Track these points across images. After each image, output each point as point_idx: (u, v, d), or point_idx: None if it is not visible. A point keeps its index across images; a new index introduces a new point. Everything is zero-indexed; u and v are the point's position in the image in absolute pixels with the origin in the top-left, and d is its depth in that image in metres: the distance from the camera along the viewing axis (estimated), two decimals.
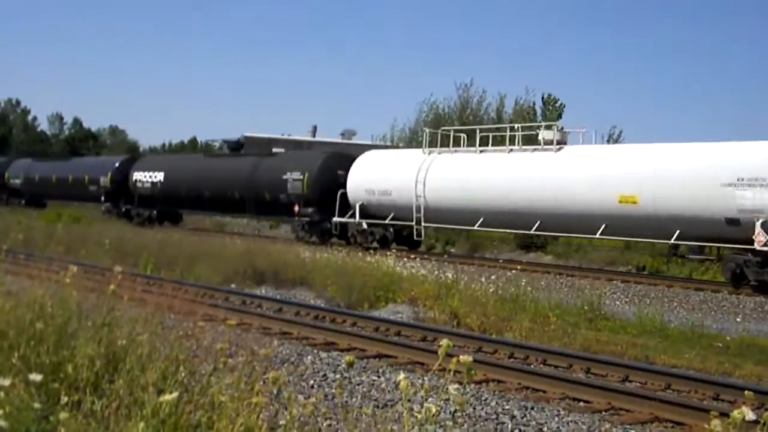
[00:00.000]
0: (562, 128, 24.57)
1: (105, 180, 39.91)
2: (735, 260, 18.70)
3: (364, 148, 34.37)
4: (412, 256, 19.63)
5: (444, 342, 3.17)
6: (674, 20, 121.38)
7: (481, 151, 24.62)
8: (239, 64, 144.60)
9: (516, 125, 25.30)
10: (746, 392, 3.46)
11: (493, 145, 25.06)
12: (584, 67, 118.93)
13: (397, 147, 35.66)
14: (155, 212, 36.39)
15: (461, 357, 3.10)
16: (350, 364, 3.58)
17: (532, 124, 28.26)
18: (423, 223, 24.88)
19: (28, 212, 36.37)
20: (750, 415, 2.68)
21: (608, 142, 39.05)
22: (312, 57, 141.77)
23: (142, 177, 37.04)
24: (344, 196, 26.71)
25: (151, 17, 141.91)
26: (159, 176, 35.95)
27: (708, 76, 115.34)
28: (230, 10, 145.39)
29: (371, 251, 21.26)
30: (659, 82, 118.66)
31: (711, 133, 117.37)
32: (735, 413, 2.70)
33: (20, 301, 5.21)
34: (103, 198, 39.82)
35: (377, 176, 26.28)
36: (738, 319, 15.44)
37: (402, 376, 3.25)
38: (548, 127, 23.83)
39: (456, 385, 3.15)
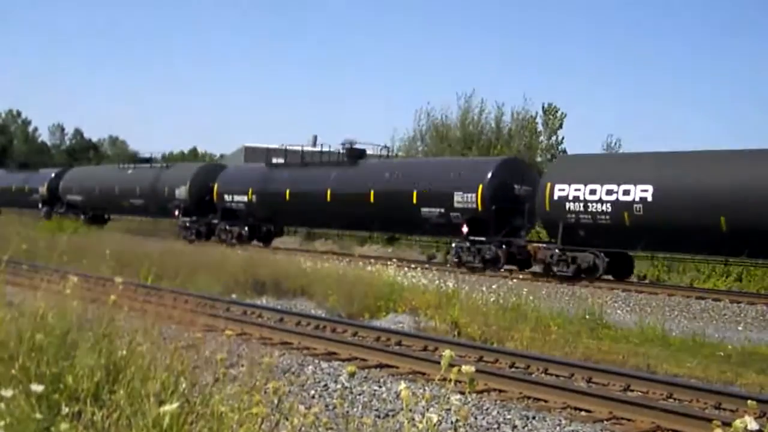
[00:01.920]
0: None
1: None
2: None
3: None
4: (413, 266, 19.62)
5: (446, 353, 3.16)
6: (676, 26, 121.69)
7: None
8: (239, 74, 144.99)
9: None
10: (749, 402, 3.45)
11: None
12: (584, 75, 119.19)
13: (396, 156, 35.91)
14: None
15: (464, 367, 3.09)
16: (352, 375, 3.56)
17: None
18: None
19: (30, 222, 36.42)
20: (752, 425, 2.67)
21: (606, 149, 39.19)
22: (312, 67, 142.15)
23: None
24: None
25: (151, 28, 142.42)
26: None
27: (712, 81, 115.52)
28: (230, 20, 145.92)
29: (371, 261, 21.25)
30: (660, 89, 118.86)
31: (713, 140, 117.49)
32: (737, 422, 2.69)
33: (21, 312, 5.20)
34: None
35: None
36: (740, 328, 15.42)
37: (403, 386, 3.24)
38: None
39: (458, 395, 3.15)
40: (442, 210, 24.22)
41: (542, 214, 22.19)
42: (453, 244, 24.51)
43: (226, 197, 32.65)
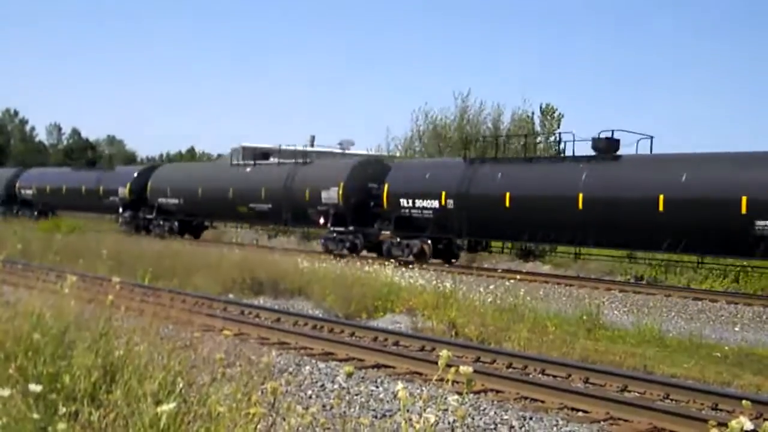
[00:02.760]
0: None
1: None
2: None
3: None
4: (411, 266, 19.60)
5: (444, 353, 3.17)
6: (675, 26, 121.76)
7: None
8: (237, 74, 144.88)
9: None
10: (744, 402, 3.45)
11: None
12: (582, 75, 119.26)
13: (391, 156, 36.40)
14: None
15: (461, 368, 3.09)
16: (349, 375, 3.57)
17: None
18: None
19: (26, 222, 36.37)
20: (748, 425, 2.68)
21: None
22: (310, 67, 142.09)
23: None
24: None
25: (149, 28, 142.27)
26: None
27: (710, 83, 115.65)
28: (227, 21, 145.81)
29: (369, 261, 21.26)
30: (657, 90, 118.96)
31: (712, 141, 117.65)
32: (733, 423, 2.69)
33: (18, 312, 5.20)
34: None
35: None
36: (736, 329, 15.43)
37: (401, 386, 3.25)
38: None
39: (455, 396, 3.15)
40: None
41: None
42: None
43: (404, 202, 25.59)
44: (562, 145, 24.75)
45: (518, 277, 19.97)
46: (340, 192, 27.28)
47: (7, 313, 5.19)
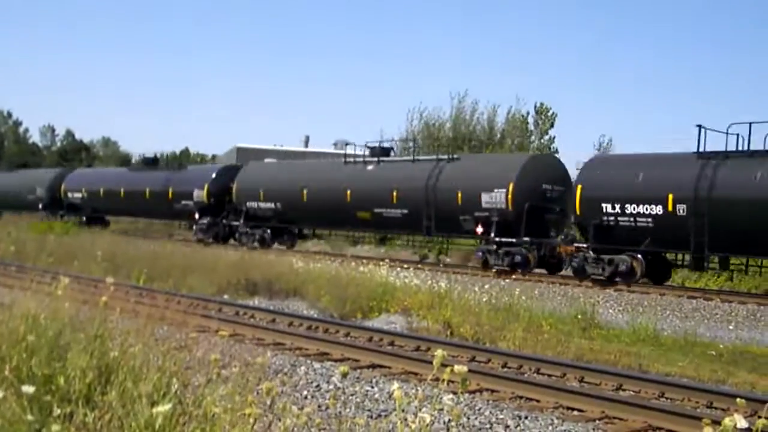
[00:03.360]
0: None
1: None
2: None
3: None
4: (406, 266, 19.61)
5: (439, 352, 3.17)
6: (668, 26, 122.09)
7: None
8: (231, 75, 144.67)
9: None
10: (738, 400, 3.47)
11: None
12: (576, 75, 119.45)
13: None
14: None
15: (456, 367, 3.10)
16: (344, 375, 3.57)
17: None
18: None
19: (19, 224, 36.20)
20: (742, 423, 2.69)
21: (598, 150, 39.30)
22: (304, 67, 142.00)
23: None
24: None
25: (143, 29, 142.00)
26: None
27: (702, 82, 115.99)
28: (222, 22, 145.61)
29: (364, 261, 21.28)
30: (651, 89, 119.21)
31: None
32: (726, 421, 2.71)
33: (12, 313, 5.19)
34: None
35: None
36: (731, 327, 15.49)
37: (396, 386, 3.25)
38: None
39: (450, 395, 3.15)
40: None
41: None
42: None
43: (608, 207, 20.93)
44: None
45: (513, 276, 20.00)
46: (510, 195, 22.90)
47: (1, 314, 5.18)
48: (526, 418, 7.54)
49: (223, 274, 18.04)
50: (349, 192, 27.07)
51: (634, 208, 20.31)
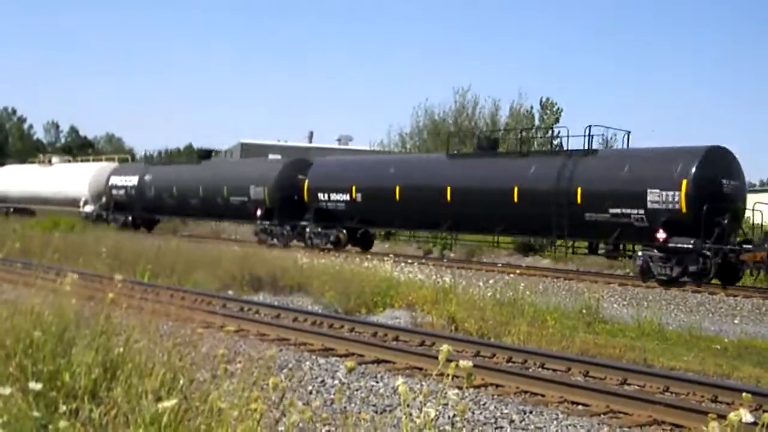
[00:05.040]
0: None
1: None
2: None
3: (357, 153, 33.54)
4: (410, 261, 19.60)
5: (444, 347, 3.17)
6: (675, 22, 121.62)
7: None
8: (235, 70, 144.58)
9: None
10: (744, 394, 3.46)
11: None
12: (581, 70, 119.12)
13: (391, 152, 35.58)
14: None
15: (462, 362, 3.09)
16: (351, 370, 3.57)
17: None
18: None
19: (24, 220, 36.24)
20: (747, 417, 2.68)
21: (603, 145, 39.24)
22: (309, 63, 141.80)
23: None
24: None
25: (146, 24, 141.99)
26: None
27: (711, 77, 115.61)
28: (226, 17, 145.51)
29: (368, 257, 21.29)
30: (658, 85, 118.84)
31: (715, 136, 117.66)
32: (732, 415, 2.70)
33: (17, 310, 5.20)
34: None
35: None
36: (736, 321, 15.47)
37: (401, 381, 3.25)
38: None
39: (455, 390, 3.15)
40: None
41: None
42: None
43: None
44: None
45: (518, 271, 19.99)
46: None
47: (6, 311, 5.19)
48: (530, 412, 7.55)
49: (227, 270, 18.06)
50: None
51: None
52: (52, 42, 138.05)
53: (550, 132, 42.08)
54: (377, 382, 8.56)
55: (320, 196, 28.67)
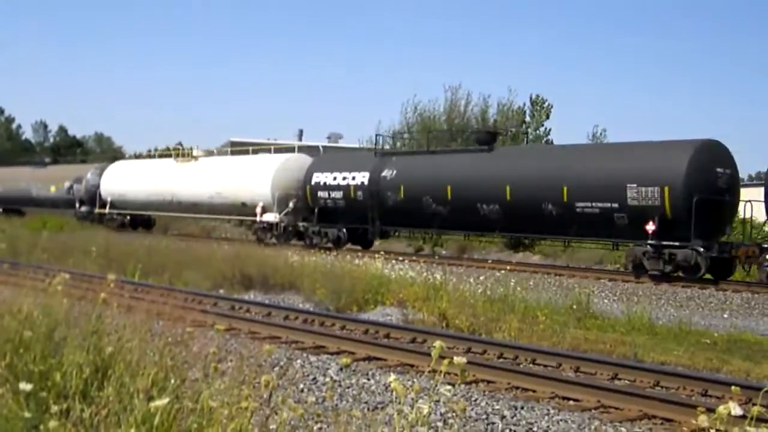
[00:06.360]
0: None
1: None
2: None
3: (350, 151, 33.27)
4: (401, 258, 19.60)
5: (437, 344, 3.18)
6: (665, 19, 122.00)
7: None
8: (223, 69, 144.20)
9: None
10: (733, 387, 3.49)
11: None
12: (571, 66, 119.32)
13: (382, 149, 35.14)
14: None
15: (455, 359, 3.10)
16: (346, 366, 3.58)
17: None
18: None
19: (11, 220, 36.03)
20: (736, 410, 2.70)
21: (592, 140, 39.34)
22: (297, 61, 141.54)
23: None
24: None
25: (135, 23, 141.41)
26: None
27: (699, 73, 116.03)
28: (214, 15, 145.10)
29: (359, 254, 21.28)
30: (647, 80, 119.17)
31: (710, 130, 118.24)
32: (721, 408, 2.72)
33: (7, 310, 5.18)
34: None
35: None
36: (725, 315, 15.55)
37: (393, 377, 3.25)
38: None
39: (448, 387, 3.16)
40: None
41: None
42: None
43: None
44: None
45: (508, 267, 20.02)
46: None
47: None
48: (522, 408, 7.57)
49: (218, 269, 18.01)
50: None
51: None
52: (38, 41, 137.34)
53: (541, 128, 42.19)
54: (369, 379, 8.56)
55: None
